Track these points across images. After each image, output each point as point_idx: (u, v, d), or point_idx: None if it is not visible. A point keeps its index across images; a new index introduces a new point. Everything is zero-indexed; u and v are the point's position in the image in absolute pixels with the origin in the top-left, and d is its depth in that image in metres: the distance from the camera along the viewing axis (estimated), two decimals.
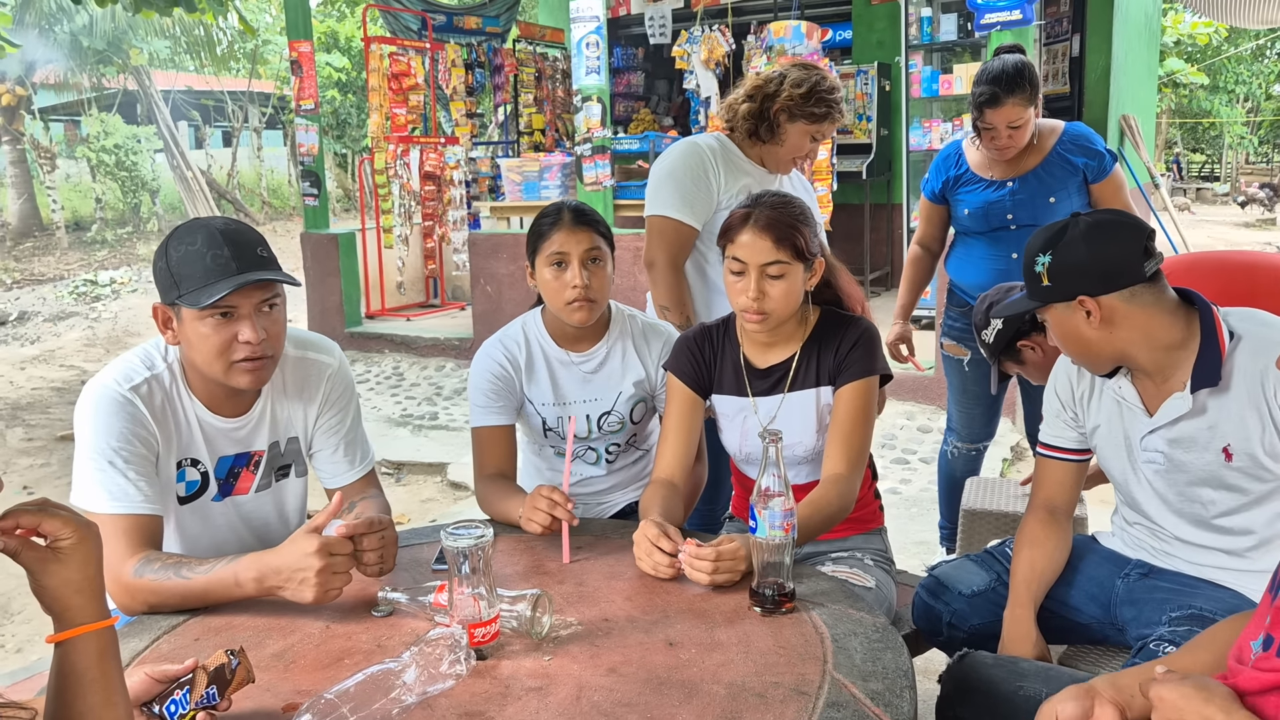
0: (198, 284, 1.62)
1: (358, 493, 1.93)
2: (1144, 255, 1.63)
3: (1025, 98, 2.75)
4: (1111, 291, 1.63)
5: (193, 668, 1.24)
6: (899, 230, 7.14)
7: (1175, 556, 1.81)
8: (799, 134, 2.53)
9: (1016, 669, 1.58)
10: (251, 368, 1.68)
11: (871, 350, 1.91)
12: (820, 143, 2.58)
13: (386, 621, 1.54)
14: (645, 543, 1.66)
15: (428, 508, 4.59)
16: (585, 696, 1.30)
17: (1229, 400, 1.65)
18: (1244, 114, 23.84)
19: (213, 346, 1.66)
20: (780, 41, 6.87)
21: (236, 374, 1.69)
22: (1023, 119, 2.78)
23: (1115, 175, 2.92)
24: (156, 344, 1.79)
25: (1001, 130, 2.80)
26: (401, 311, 8.20)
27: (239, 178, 20.34)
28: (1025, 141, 2.86)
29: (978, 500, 2.93)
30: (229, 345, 1.66)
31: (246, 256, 1.65)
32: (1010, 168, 2.93)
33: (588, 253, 2.02)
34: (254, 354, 1.67)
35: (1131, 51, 8.69)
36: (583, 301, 2.03)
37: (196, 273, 1.62)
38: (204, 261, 1.62)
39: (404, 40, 8.02)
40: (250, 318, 1.66)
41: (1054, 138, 2.92)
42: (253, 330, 1.65)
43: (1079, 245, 1.64)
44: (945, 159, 3.08)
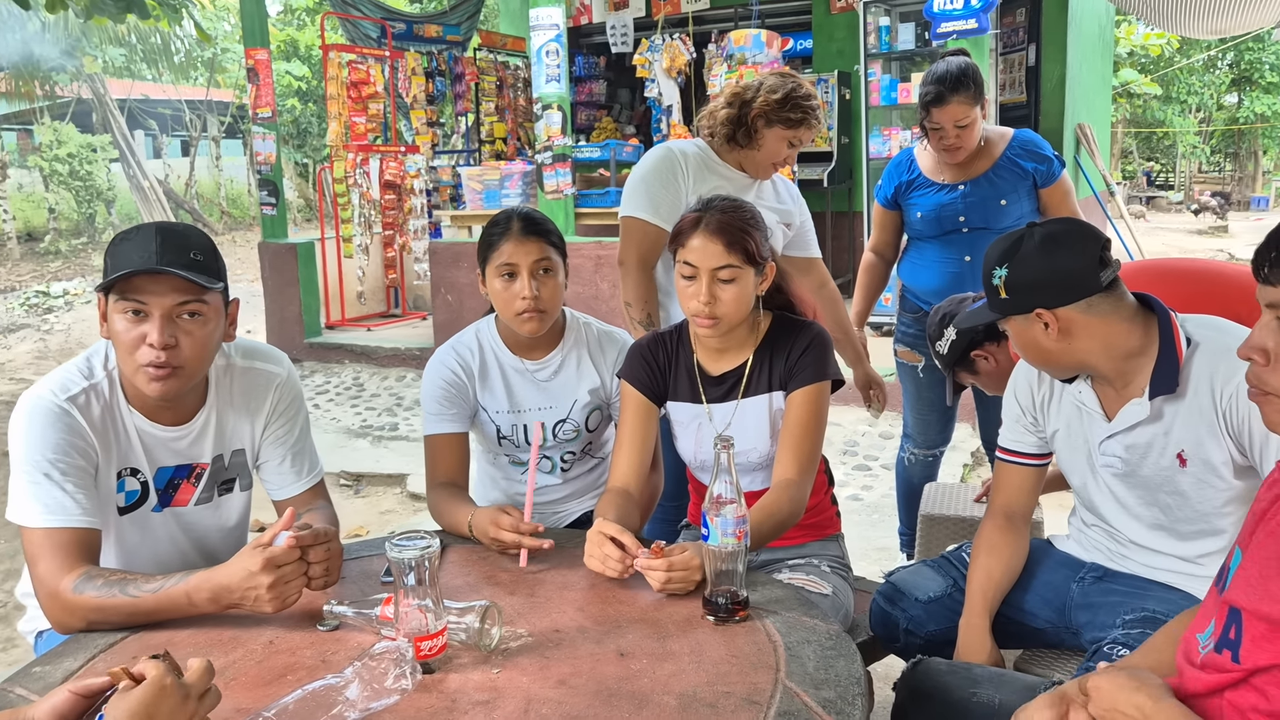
0: (115, 272, 1.58)
1: (305, 504, 1.89)
2: (1099, 265, 1.64)
3: (970, 96, 2.79)
4: (1068, 304, 1.64)
5: (114, 681, 1.19)
6: (860, 238, 7.18)
7: (1130, 559, 1.82)
8: (776, 139, 2.55)
9: (970, 675, 1.58)
10: (155, 375, 1.61)
11: (823, 355, 1.90)
12: (798, 148, 2.61)
13: (332, 636, 1.50)
14: (597, 537, 1.64)
15: (387, 519, 4.53)
16: (533, 709, 1.27)
17: (1184, 407, 1.66)
18: (1196, 124, 24.30)
19: (124, 344, 1.61)
20: (741, 50, 6.90)
21: (142, 378, 1.62)
22: (969, 118, 2.82)
23: (1063, 180, 2.97)
24: (98, 350, 1.74)
25: (949, 129, 2.83)
26: (362, 321, 8.12)
27: (197, 187, 20.08)
28: (974, 143, 2.89)
29: (936, 506, 2.94)
30: (137, 345, 1.60)
31: (174, 254, 1.58)
32: (961, 171, 2.96)
33: (537, 263, 2.00)
34: (157, 360, 1.59)
35: (1086, 62, 8.82)
36: (532, 313, 2.01)
37: (121, 263, 1.58)
38: (131, 252, 1.58)
39: (363, 48, 7.97)
40: (160, 320, 1.59)
41: (1004, 143, 2.97)
42: (158, 333, 1.58)
43: (1034, 258, 1.64)
44: (897, 165, 3.11)
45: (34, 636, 1.84)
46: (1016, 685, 1.53)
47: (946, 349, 2.37)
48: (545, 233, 2.04)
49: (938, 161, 3.00)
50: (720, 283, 1.83)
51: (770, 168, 2.63)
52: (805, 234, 2.85)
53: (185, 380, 1.67)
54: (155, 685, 1.12)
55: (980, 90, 2.83)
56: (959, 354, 2.36)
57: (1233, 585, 1.13)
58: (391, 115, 8.13)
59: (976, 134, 2.88)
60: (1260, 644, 1.07)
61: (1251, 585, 1.09)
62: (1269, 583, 1.06)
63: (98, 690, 1.19)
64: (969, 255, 2.95)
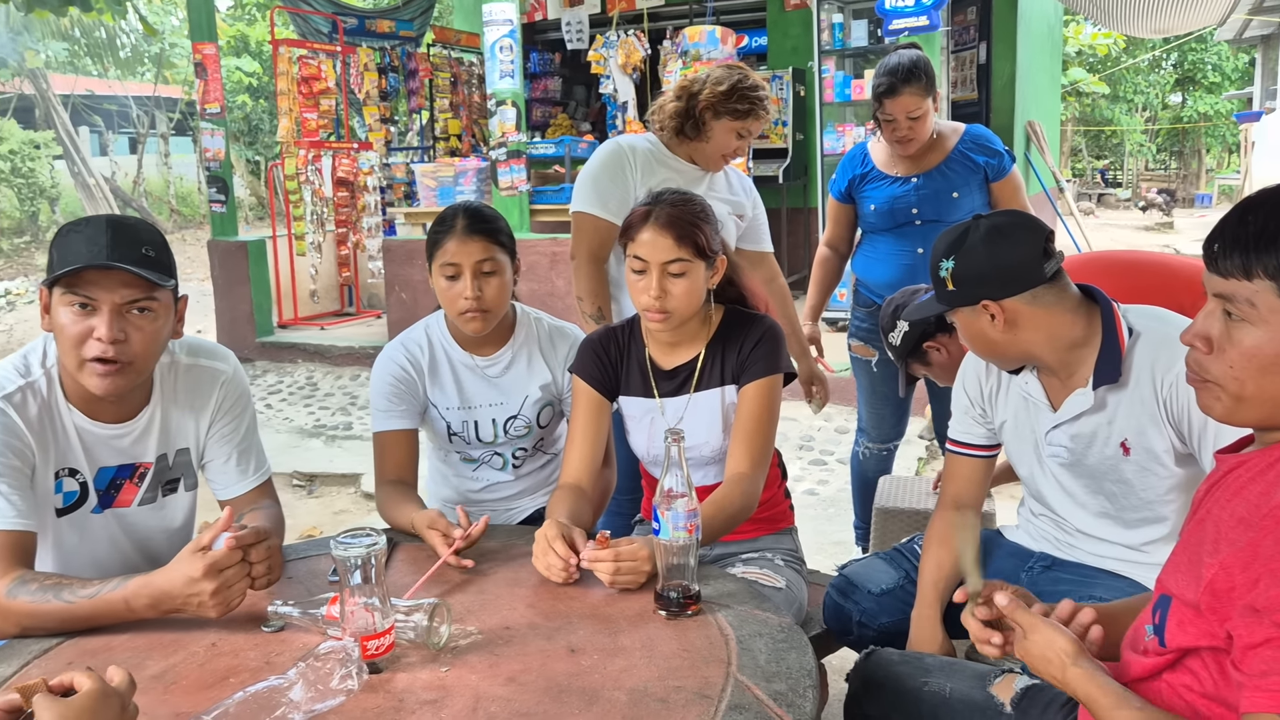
0: (64, 264, 1.54)
1: (251, 503, 1.85)
2: (1043, 256, 1.66)
3: (921, 88, 2.82)
4: (1013, 295, 1.65)
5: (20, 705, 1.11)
6: (815, 233, 7.22)
7: (1078, 548, 1.84)
8: (725, 131, 2.56)
9: (922, 665, 1.58)
10: (102, 371, 1.58)
11: (775, 349, 1.90)
12: (748, 140, 2.61)
13: (277, 637, 1.47)
14: (543, 542, 1.63)
15: (341, 519, 4.48)
16: (482, 708, 1.25)
17: (1127, 396, 1.68)
18: (1142, 122, 24.77)
19: (68, 338, 1.57)
20: (695, 46, 6.91)
21: (87, 374, 1.59)
22: (920, 109, 2.84)
23: (1014, 175, 3.01)
24: (35, 348, 1.69)
25: (901, 120, 2.86)
26: (315, 320, 8.01)
27: (146, 185, 19.68)
28: (926, 134, 2.91)
29: (890, 499, 2.96)
30: (83, 340, 1.56)
31: (125, 249, 1.55)
32: (914, 164, 2.99)
33: (480, 264, 1.98)
34: (105, 355, 1.56)
35: (1035, 60, 8.95)
36: (475, 313, 1.99)
37: (69, 256, 1.54)
38: (80, 244, 1.54)
39: (314, 43, 7.85)
40: (109, 314, 1.56)
41: (956, 137, 3.00)
42: (108, 328, 1.55)
43: (979, 251, 1.66)
44: (851, 159, 3.14)
45: None
46: (967, 674, 1.54)
47: (899, 340, 2.39)
48: (491, 231, 2.01)
49: (891, 155, 3.03)
50: (670, 276, 1.82)
51: (721, 159, 2.63)
52: (757, 227, 2.85)
53: (133, 377, 1.64)
54: (96, 694, 1.08)
55: (932, 82, 2.86)
56: (911, 346, 2.37)
57: (1164, 571, 1.17)
58: (344, 111, 8.03)
59: (928, 126, 2.91)
60: (1184, 627, 1.09)
61: (1179, 571, 1.12)
62: (1192, 567, 1.09)
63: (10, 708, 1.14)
64: (921, 248, 2.97)
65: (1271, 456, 1.08)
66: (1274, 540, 0.99)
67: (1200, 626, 1.07)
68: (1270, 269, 1.04)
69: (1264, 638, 0.98)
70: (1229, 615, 1.02)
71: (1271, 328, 1.06)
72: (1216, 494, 1.12)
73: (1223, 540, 1.06)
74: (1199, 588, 1.06)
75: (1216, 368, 1.11)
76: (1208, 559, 1.06)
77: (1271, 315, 1.05)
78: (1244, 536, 1.03)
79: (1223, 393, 1.12)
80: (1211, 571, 1.05)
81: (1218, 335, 1.11)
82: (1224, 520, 1.07)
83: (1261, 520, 1.01)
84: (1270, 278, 1.05)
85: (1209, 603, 1.05)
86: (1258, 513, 1.03)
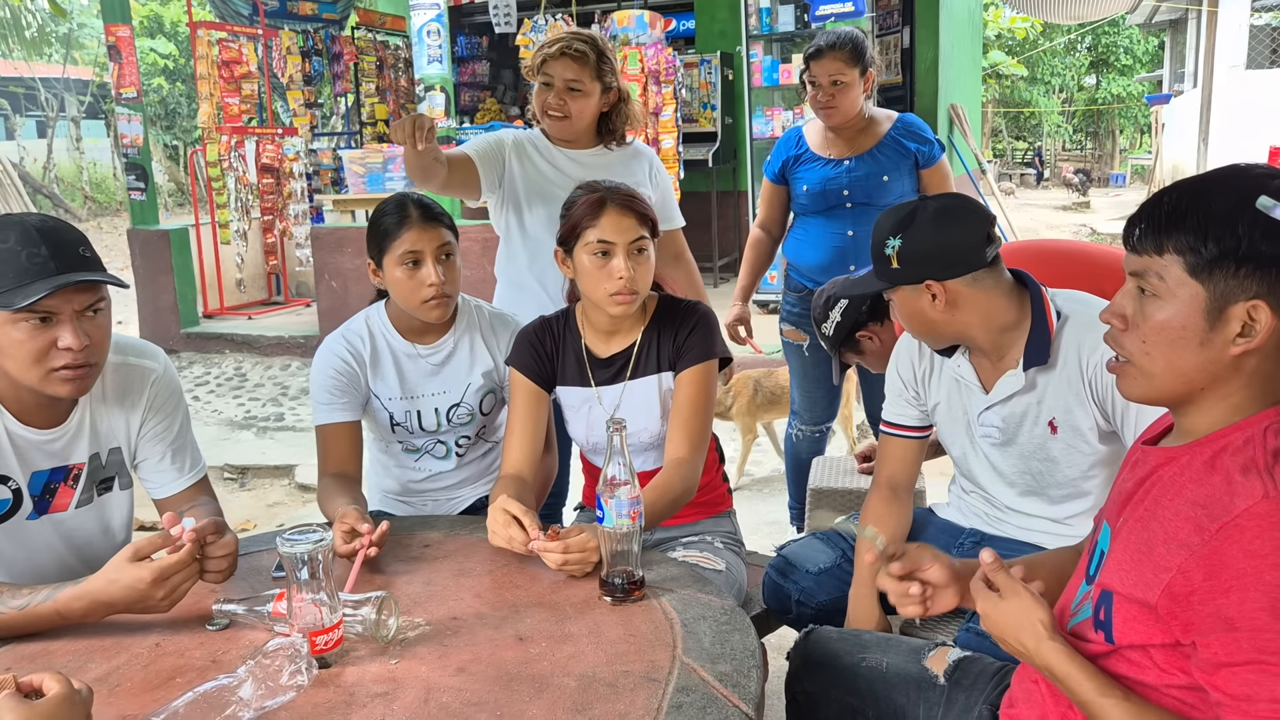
0: (10, 284, 1.49)
1: (187, 501, 1.83)
2: (986, 241, 1.72)
3: (846, 55, 2.89)
4: (956, 277, 1.71)
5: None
6: (745, 217, 7.29)
7: (1007, 523, 1.91)
8: (537, 90, 2.59)
9: (859, 641, 1.64)
10: (72, 376, 1.57)
11: (710, 334, 1.94)
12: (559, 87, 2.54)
13: (223, 635, 1.47)
14: (501, 516, 1.65)
15: (275, 512, 4.42)
16: (433, 698, 1.27)
17: (1055, 377, 1.75)
18: (1059, 104, 25.41)
19: (28, 353, 1.53)
20: (624, 31, 6.90)
21: (55, 383, 1.57)
22: (845, 77, 2.90)
23: (943, 163, 3.09)
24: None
25: (825, 84, 2.92)
26: (242, 310, 7.85)
27: (56, 171, 18.99)
28: (850, 107, 2.96)
29: (823, 479, 3.02)
30: (46, 352, 1.54)
31: (67, 256, 1.53)
32: (847, 147, 3.05)
33: (440, 249, 2.00)
34: (75, 361, 1.55)
35: (957, 44, 9.12)
36: (440, 298, 2.00)
37: (9, 272, 1.50)
38: (18, 261, 1.50)
39: (234, 25, 7.66)
40: (71, 322, 1.54)
41: (889, 124, 3.07)
42: (74, 336, 1.53)
43: (928, 231, 1.71)
44: (786, 140, 3.19)
45: None
46: (902, 648, 1.59)
47: (832, 330, 2.44)
48: (441, 217, 2.03)
49: (825, 137, 3.08)
50: (636, 255, 1.85)
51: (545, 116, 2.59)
52: (665, 206, 2.77)
53: (97, 374, 1.63)
54: (63, 699, 1.07)
55: (860, 56, 2.91)
56: (844, 335, 2.43)
57: (1105, 569, 1.18)
58: (267, 96, 7.85)
59: (852, 98, 2.95)
60: (1133, 625, 1.12)
61: (1124, 570, 1.14)
62: (1140, 568, 1.11)
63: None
64: (852, 230, 3.04)
65: (1206, 453, 1.11)
66: (1242, 551, 1.01)
67: (1154, 627, 1.09)
68: (1179, 245, 1.10)
69: (1245, 659, 1.00)
70: (1190, 620, 1.04)
71: (1179, 301, 1.11)
72: (1154, 491, 1.15)
73: (1174, 542, 1.07)
74: (1155, 591, 1.08)
75: (1131, 343, 1.17)
76: (1161, 561, 1.08)
77: (1179, 288, 1.11)
78: (1201, 541, 1.04)
79: (1137, 371, 1.17)
80: (1168, 576, 1.06)
81: (1132, 312, 1.16)
82: (1171, 521, 1.09)
83: (1223, 528, 1.02)
84: (1178, 253, 1.10)
85: (1167, 606, 1.06)
86: (1214, 518, 1.04)
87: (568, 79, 2.52)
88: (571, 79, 2.52)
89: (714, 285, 7.99)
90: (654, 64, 6.77)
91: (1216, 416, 1.13)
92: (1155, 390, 1.16)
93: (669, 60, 6.93)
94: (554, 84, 2.53)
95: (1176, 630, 1.07)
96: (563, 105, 2.54)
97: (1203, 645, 1.03)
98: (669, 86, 6.92)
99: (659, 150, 6.88)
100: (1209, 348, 1.10)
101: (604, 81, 2.58)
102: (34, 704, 1.07)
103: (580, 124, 2.59)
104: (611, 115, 2.64)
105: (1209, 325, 1.10)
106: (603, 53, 2.57)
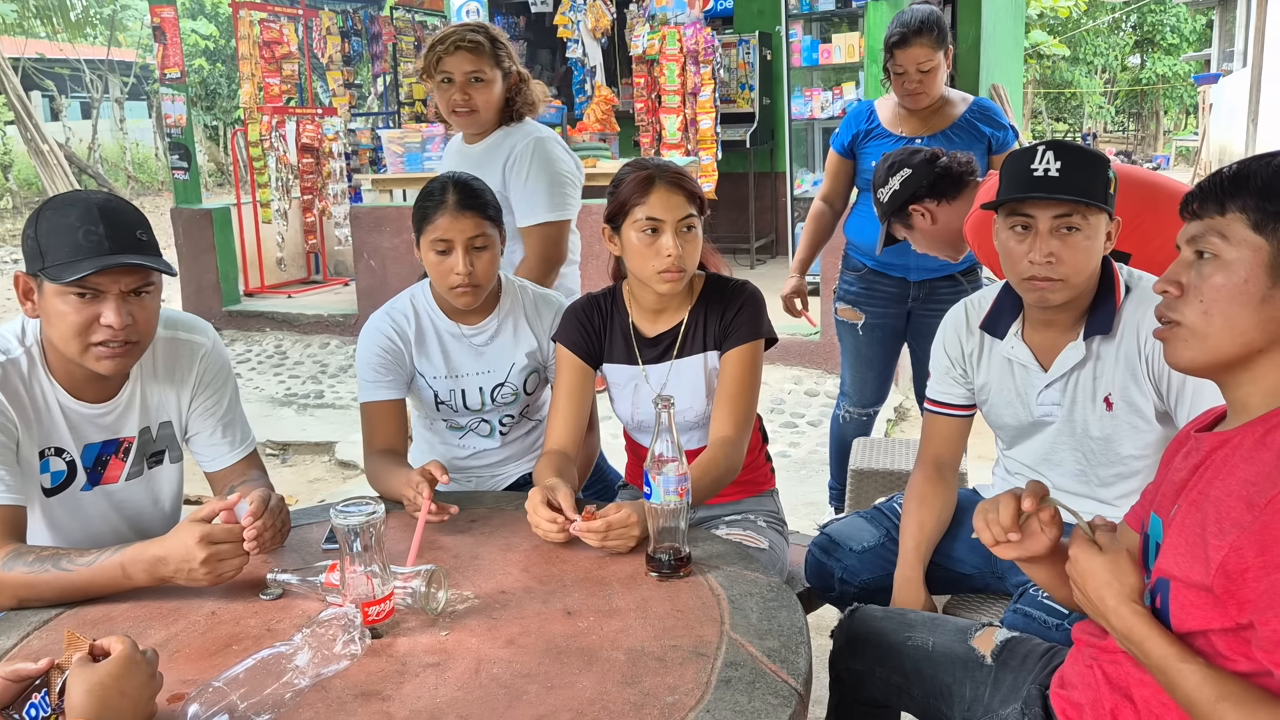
0: (64, 258, 1.53)
1: (239, 475, 1.86)
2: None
3: (932, 40, 2.85)
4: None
5: (48, 667, 1.16)
6: (783, 198, 7.25)
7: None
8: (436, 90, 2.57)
9: (905, 620, 1.64)
10: (110, 353, 1.59)
11: (757, 314, 1.93)
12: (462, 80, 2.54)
13: (276, 604, 1.49)
14: (534, 504, 1.66)
15: (316, 488, 4.48)
16: (484, 669, 1.29)
17: (1114, 350, 1.73)
18: (1102, 84, 24.98)
19: (71, 325, 1.57)
20: (663, 10, 6.86)
21: (93, 358, 1.60)
22: (932, 62, 2.86)
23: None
24: (13, 328, 1.68)
25: (912, 72, 2.88)
26: (282, 288, 7.93)
27: (101, 151, 19.24)
28: (936, 90, 2.93)
29: (865, 460, 3.02)
30: (89, 326, 1.57)
31: (122, 238, 1.56)
32: (921, 125, 3.01)
33: (471, 240, 1.98)
34: (115, 338, 1.58)
35: (999, 23, 8.97)
36: (466, 288, 2.00)
37: (64, 246, 1.53)
38: (75, 236, 1.53)
39: (275, 6, 7.71)
40: (116, 301, 1.57)
41: (964, 106, 3.03)
42: (116, 314, 1.56)
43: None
44: (856, 114, 3.15)
45: None
46: (949, 628, 1.59)
47: (887, 198, 2.42)
48: (481, 205, 2.01)
49: (897, 113, 3.05)
50: (684, 232, 1.85)
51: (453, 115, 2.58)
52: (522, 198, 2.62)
53: (138, 354, 1.66)
54: (126, 659, 1.12)
55: (944, 37, 2.88)
56: (899, 204, 2.40)
57: (1161, 557, 1.17)
58: (307, 76, 7.90)
59: (939, 81, 2.92)
60: (1191, 610, 1.11)
61: (1179, 555, 1.12)
62: (1194, 551, 1.10)
63: (28, 676, 1.16)
64: None
65: (1258, 431, 1.10)
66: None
67: (1213, 610, 1.08)
68: (1244, 203, 1.11)
69: None
70: (1246, 598, 1.03)
71: (1241, 258, 1.11)
72: (1206, 474, 1.14)
73: (1227, 521, 1.06)
74: (1209, 570, 1.07)
75: (1188, 308, 1.16)
76: (1214, 540, 1.07)
77: (1241, 245, 1.11)
78: (1252, 518, 1.04)
79: (1189, 333, 1.15)
80: (1221, 554, 1.06)
81: (1188, 280, 1.16)
82: (1224, 500, 1.08)
83: (1272, 502, 1.02)
84: (1242, 210, 1.11)
85: (1223, 585, 1.06)
86: (1264, 493, 1.04)
87: (468, 71, 2.53)
88: (472, 70, 2.54)
89: (750, 267, 7.96)
90: (692, 43, 6.73)
91: (1270, 384, 1.12)
92: (1208, 352, 1.15)
93: (707, 40, 6.89)
94: (455, 79, 2.54)
95: (1233, 610, 1.06)
96: (468, 100, 2.56)
97: (1261, 623, 1.02)
98: (707, 66, 6.88)
99: (697, 130, 6.85)
100: (1270, 305, 1.10)
101: (503, 67, 2.59)
102: (97, 665, 1.10)
103: (487, 114, 2.61)
104: (515, 99, 2.65)
105: (1271, 281, 1.10)
106: (496, 39, 2.57)
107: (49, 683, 1.15)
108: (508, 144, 2.64)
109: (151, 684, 1.15)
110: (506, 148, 2.64)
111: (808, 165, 7.05)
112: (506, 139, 2.65)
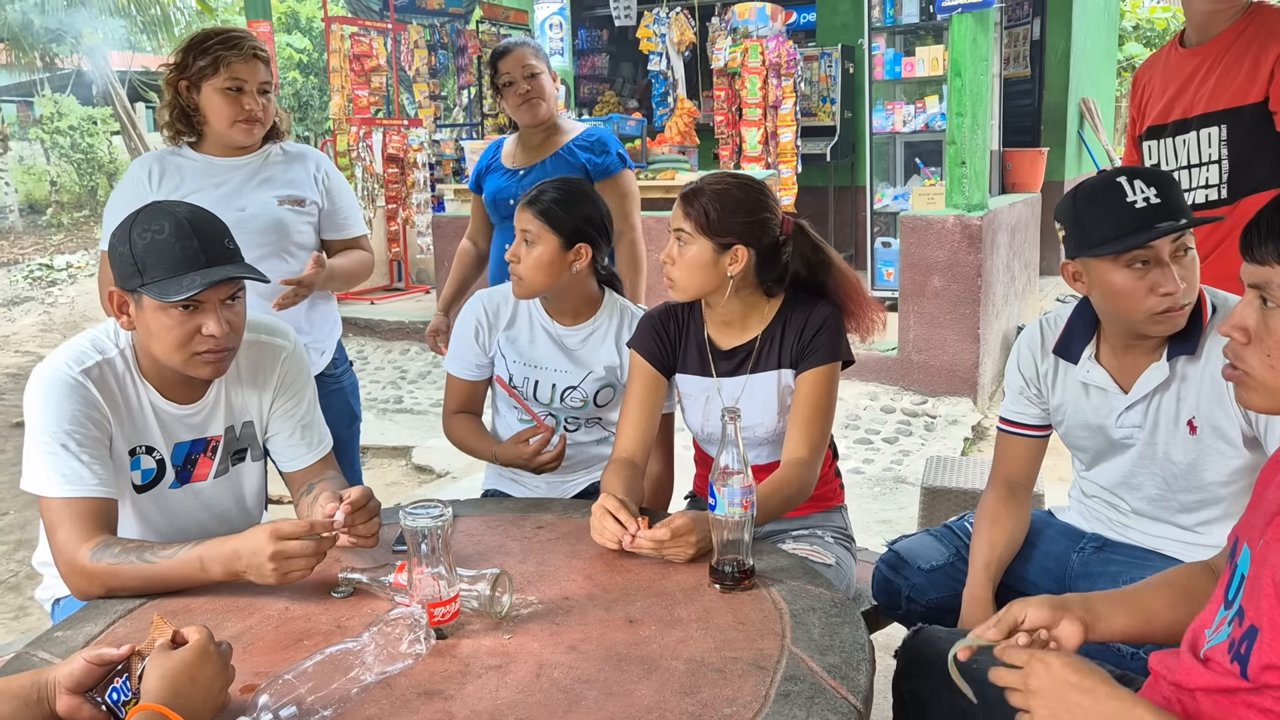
0: (164, 274, 1.60)
1: (315, 475, 1.91)
2: None
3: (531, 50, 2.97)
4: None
5: (129, 653, 1.22)
6: (862, 212, 7.18)
7: (1132, 529, 1.84)
8: (214, 95, 2.26)
9: None
10: (213, 359, 1.68)
11: (836, 336, 1.92)
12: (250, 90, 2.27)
13: (346, 602, 1.53)
14: (600, 511, 1.67)
15: (392, 491, 4.57)
16: (545, 674, 1.30)
17: (1198, 372, 1.68)
18: None
19: (175, 339, 1.64)
20: (745, 24, 6.88)
21: (196, 365, 1.68)
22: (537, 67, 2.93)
23: (621, 178, 3.02)
24: (106, 329, 1.75)
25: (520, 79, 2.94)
26: (365, 295, 8.12)
27: None
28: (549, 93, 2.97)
29: (938, 479, 2.97)
30: (191, 337, 1.64)
31: (214, 248, 1.63)
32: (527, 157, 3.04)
33: (524, 233, 2.11)
34: (217, 346, 1.66)
35: (1091, 36, 8.77)
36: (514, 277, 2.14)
37: (163, 263, 1.60)
38: (172, 252, 1.60)
39: (365, 20, 7.93)
40: (215, 311, 1.64)
41: (571, 135, 3.04)
42: (218, 324, 1.64)
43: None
44: (487, 150, 3.25)
45: (51, 604, 1.87)
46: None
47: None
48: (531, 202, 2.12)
49: (516, 148, 3.09)
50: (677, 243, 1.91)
51: (237, 128, 2.29)
52: (337, 214, 2.53)
53: (233, 356, 1.75)
54: (201, 649, 1.16)
55: (541, 55, 2.97)
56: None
57: (1246, 597, 1.11)
58: (394, 88, 8.10)
59: (549, 88, 2.96)
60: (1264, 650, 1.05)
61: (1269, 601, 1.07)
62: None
63: (110, 661, 1.22)
64: None
65: None
66: None
67: None
68: None
69: None
70: None
71: None
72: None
73: None
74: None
75: (1253, 358, 1.10)
76: None
77: None
78: None
79: (1258, 384, 1.10)
80: None
81: (1254, 325, 1.10)
82: None
83: None
84: None
85: None
86: None
87: (263, 81, 2.31)
88: (265, 81, 2.32)
89: None
90: (774, 57, 6.72)
91: None
92: (1277, 403, 1.10)
93: (790, 53, 6.87)
94: (246, 88, 2.27)
95: None
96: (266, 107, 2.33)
97: None
98: (789, 80, 6.86)
99: (777, 143, 6.83)
100: None
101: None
102: (173, 653, 1.15)
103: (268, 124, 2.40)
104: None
105: None
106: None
107: (130, 668, 1.21)
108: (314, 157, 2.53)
109: (224, 675, 1.19)
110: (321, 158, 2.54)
111: (889, 179, 6.98)
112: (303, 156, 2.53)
